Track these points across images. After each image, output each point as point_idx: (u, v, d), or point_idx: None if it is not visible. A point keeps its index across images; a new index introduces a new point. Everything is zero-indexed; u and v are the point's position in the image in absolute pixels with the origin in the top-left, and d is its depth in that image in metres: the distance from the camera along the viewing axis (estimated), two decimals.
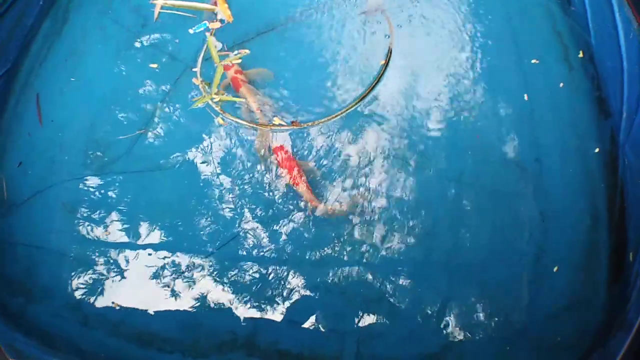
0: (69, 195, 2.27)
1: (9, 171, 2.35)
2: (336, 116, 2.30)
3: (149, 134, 2.38)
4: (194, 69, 2.49)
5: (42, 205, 2.27)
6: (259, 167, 2.26)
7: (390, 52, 2.46)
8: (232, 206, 2.20)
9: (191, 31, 2.31)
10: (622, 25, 2.21)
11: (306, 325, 2.00)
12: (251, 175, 2.25)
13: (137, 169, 2.31)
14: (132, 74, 2.54)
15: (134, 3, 2.74)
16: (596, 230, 2.08)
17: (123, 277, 2.12)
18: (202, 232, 2.18)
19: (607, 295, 1.96)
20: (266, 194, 2.21)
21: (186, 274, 2.11)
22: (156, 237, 2.18)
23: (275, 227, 2.15)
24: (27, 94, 2.55)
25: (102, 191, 2.28)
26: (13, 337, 1.93)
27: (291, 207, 2.18)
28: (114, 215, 2.23)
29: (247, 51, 2.36)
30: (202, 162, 2.31)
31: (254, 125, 2.29)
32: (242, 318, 2.03)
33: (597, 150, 2.21)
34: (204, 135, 2.37)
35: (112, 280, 2.12)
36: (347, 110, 2.31)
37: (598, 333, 1.90)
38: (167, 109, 2.44)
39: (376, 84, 2.38)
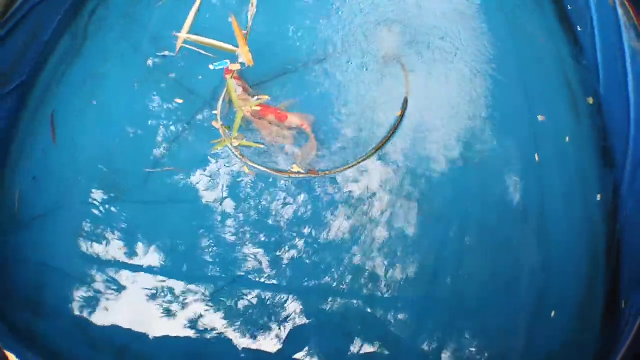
0: (80, 218, 2.30)
1: (22, 185, 2.38)
2: (352, 166, 2.36)
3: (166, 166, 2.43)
4: (213, 112, 2.53)
5: (52, 224, 2.30)
6: (265, 194, 2.31)
7: (406, 102, 2.51)
8: (234, 231, 2.26)
9: (211, 67, 2.35)
10: (633, 76, 2.24)
11: (302, 354, 2.03)
12: (257, 201, 2.30)
13: (150, 200, 2.36)
14: (150, 104, 2.58)
15: (154, 32, 2.79)
16: (594, 276, 2.12)
17: (128, 302, 2.16)
18: (206, 262, 2.23)
19: (600, 341, 1.99)
20: (270, 220, 2.27)
21: (190, 300, 2.16)
22: (163, 265, 2.23)
23: (277, 253, 2.20)
24: (43, 111, 2.57)
25: (114, 217, 2.30)
26: (20, 352, 1.96)
27: (294, 234, 2.23)
28: (123, 241, 2.27)
29: (267, 97, 2.41)
30: (212, 194, 2.37)
31: (274, 172, 2.35)
32: (239, 347, 2.07)
33: (598, 197, 2.25)
34: (216, 168, 2.43)
35: (118, 304, 2.15)
36: (362, 160, 2.37)
37: None
38: (184, 143, 2.49)
39: (392, 135, 2.44)
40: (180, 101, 2.57)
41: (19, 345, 1.99)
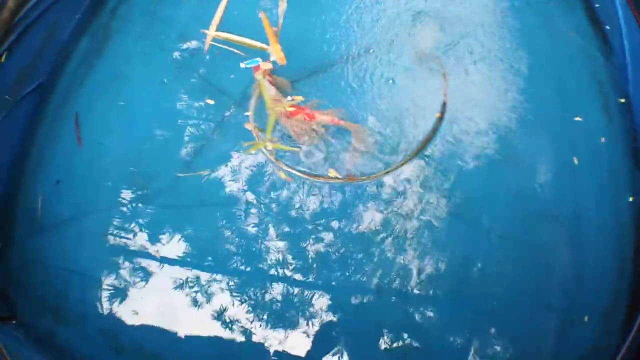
0: (105, 223, 2.24)
1: (45, 188, 2.31)
2: (390, 171, 2.29)
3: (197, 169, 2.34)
4: (246, 113, 2.44)
5: (76, 229, 2.24)
6: (290, 186, 2.26)
7: (445, 106, 2.43)
8: (257, 222, 2.22)
9: (242, 65, 2.26)
10: None
11: (329, 349, 2.00)
12: (278, 193, 2.25)
13: (179, 204, 2.28)
14: (179, 104, 2.50)
15: (180, 30, 2.70)
16: (621, 280, 2.10)
17: (154, 306, 2.11)
18: (232, 253, 2.16)
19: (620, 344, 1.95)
20: (293, 212, 2.21)
21: (217, 294, 2.11)
22: (192, 267, 2.17)
23: (302, 245, 2.16)
24: (65, 113, 2.50)
25: (140, 222, 2.25)
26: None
27: (320, 227, 2.18)
28: (149, 246, 2.21)
29: (301, 98, 2.32)
30: (244, 197, 2.31)
31: (311, 178, 2.27)
32: (266, 344, 2.02)
33: (630, 199, 2.22)
34: (249, 171, 2.35)
35: (144, 308, 2.10)
36: (402, 165, 2.30)
37: None
38: (214, 145, 2.40)
39: (431, 139, 2.36)
40: (211, 102, 2.48)
41: (38, 354, 1.96)
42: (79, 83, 2.59)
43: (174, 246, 2.20)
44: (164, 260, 2.18)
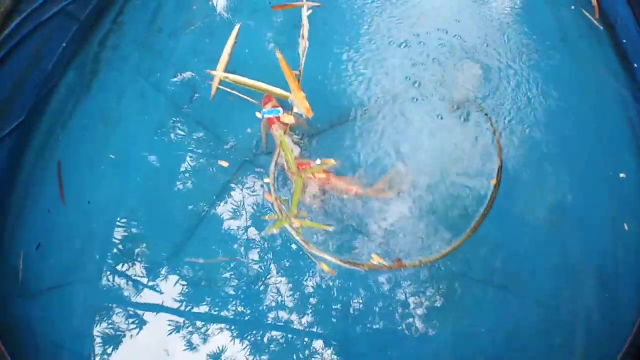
0: (95, 296, 1.96)
1: (26, 249, 2.03)
2: (446, 254, 1.94)
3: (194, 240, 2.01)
4: (266, 180, 2.08)
5: (61, 299, 1.96)
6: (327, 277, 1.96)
7: (501, 169, 2.08)
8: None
9: (259, 115, 1.92)
10: None
11: None
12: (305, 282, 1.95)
13: (179, 279, 1.96)
14: (178, 159, 2.16)
15: (179, 66, 2.37)
16: None
17: None
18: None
19: None
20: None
21: None
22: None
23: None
24: (46, 159, 2.23)
25: (135, 297, 1.96)
26: None
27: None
28: (145, 324, 1.92)
29: (333, 161, 1.97)
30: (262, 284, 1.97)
31: (352, 266, 1.92)
32: None
33: None
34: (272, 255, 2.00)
35: None
36: (458, 245, 1.95)
37: None
38: (221, 214, 2.06)
39: (488, 212, 2.02)
40: (224, 164, 2.12)
41: None
42: (63, 124, 2.31)
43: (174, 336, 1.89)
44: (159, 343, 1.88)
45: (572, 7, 2.55)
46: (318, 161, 1.97)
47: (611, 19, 2.46)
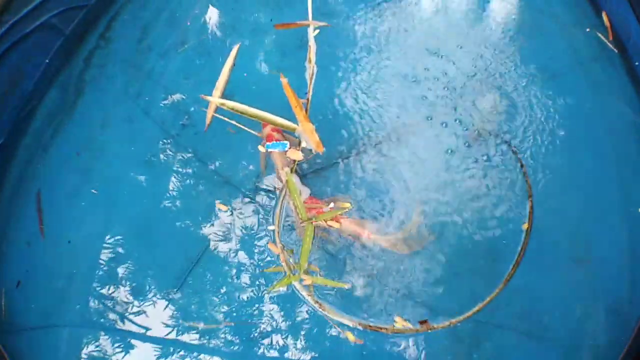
0: (79, 340, 1.78)
1: (7, 286, 1.87)
2: (479, 309, 1.75)
3: (180, 292, 1.81)
4: (270, 228, 1.86)
5: (46, 339, 1.80)
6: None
7: (532, 210, 1.89)
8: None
9: (262, 149, 1.72)
10: None
11: None
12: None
13: (169, 329, 1.77)
14: (169, 196, 1.97)
15: (170, 88, 2.19)
16: None
17: None
18: None
19: None
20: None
21: None
22: None
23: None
24: (26, 187, 2.05)
25: (122, 343, 1.77)
26: None
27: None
28: None
29: (349, 205, 1.76)
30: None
31: (374, 329, 1.71)
32: None
33: None
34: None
35: None
36: (487, 302, 1.75)
37: None
38: (215, 259, 1.85)
39: (521, 259, 1.84)
40: (223, 208, 1.90)
41: None
42: (44, 149, 2.14)
43: None
44: None
45: (587, 30, 2.38)
46: (331, 205, 1.75)
47: (624, 42, 2.29)
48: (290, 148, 1.70)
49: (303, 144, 1.62)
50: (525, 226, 1.88)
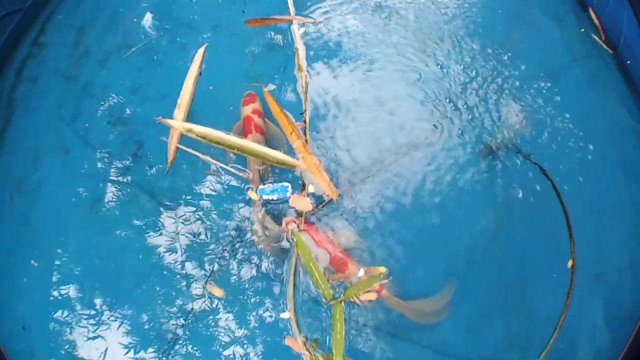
0: None
1: None
2: None
3: None
4: (283, 315, 1.34)
5: None
6: None
7: (573, 242, 1.52)
8: None
9: (254, 196, 1.26)
10: None
11: None
12: None
13: None
14: (123, 251, 1.48)
15: (116, 109, 1.70)
16: None
17: None
18: None
19: None
20: None
21: None
22: None
23: None
24: None
25: None
26: None
27: None
28: None
29: (384, 269, 1.27)
30: None
31: None
32: None
33: None
34: None
35: None
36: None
37: None
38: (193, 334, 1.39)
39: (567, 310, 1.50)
40: (219, 293, 1.39)
41: None
42: None
43: None
44: None
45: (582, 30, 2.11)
46: (361, 271, 1.26)
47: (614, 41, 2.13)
48: (292, 194, 1.24)
49: (310, 188, 1.17)
50: (570, 263, 1.56)
